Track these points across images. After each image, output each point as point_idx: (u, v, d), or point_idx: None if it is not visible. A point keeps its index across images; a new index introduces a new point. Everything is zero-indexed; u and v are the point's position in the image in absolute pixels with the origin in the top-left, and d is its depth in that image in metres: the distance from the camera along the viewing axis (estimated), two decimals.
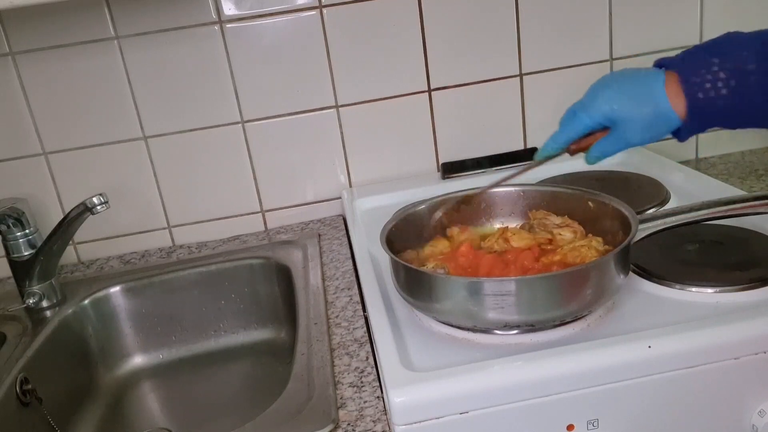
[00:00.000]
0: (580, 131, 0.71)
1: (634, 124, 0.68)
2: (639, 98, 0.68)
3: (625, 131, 0.69)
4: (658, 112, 0.67)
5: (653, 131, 0.68)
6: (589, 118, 0.70)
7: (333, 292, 0.91)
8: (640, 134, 0.69)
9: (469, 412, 0.63)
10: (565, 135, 0.72)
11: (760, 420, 0.67)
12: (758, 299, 0.70)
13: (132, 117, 1.10)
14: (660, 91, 0.67)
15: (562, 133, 0.73)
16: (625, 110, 0.68)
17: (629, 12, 1.14)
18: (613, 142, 0.70)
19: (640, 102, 0.68)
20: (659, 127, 0.68)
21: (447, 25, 1.12)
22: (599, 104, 0.69)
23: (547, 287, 0.66)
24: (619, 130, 0.69)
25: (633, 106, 0.68)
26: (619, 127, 0.69)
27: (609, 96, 0.69)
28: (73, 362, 0.97)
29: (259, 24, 1.08)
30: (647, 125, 0.68)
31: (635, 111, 0.68)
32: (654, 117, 0.67)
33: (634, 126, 0.68)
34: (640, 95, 0.68)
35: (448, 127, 1.18)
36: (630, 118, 0.68)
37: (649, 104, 0.67)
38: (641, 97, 0.68)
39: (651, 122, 0.68)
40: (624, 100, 0.68)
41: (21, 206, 0.95)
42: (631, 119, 0.68)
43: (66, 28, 1.04)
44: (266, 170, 1.16)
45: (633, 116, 0.68)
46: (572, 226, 0.80)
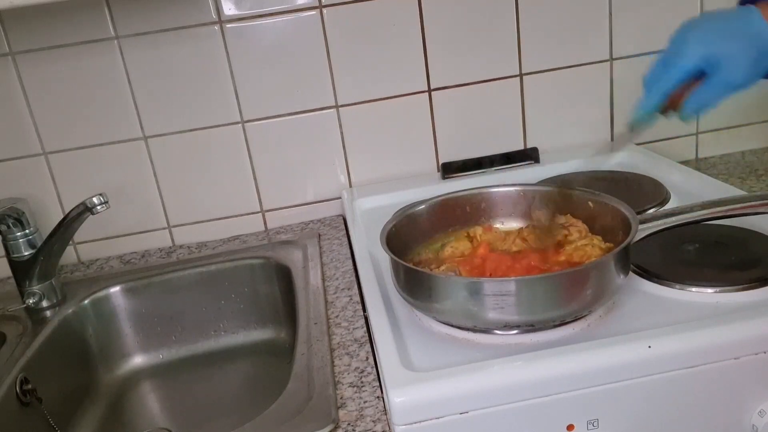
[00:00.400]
0: (677, 81, 0.63)
1: (736, 61, 0.61)
2: (738, 32, 0.61)
3: (728, 72, 0.61)
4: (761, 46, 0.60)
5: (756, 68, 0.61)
6: (685, 64, 0.62)
7: (333, 292, 0.91)
8: (743, 73, 0.61)
9: (469, 412, 0.63)
10: (660, 89, 0.64)
11: (760, 420, 0.66)
12: (758, 299, 0.70)
13: (132, 117, 1.10)
14: (760, 21, 0.60)
15: (656, 88, 0.64)
16: (726, 48, 0.61)
17: (629, 12, 1.15)
18: (714, 88, 0.62)
19: (740, 36, 0.61)
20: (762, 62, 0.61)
21: (447, 25, 1.12)
22: (693, 46, 0.62)
23: (547, 287, 0.66)
24: (720, 73, 0.61)
25: (733, 41, 0.61)
26: (721, 68, 0.61)
27: (702, 36, 0.62)
28: (73, 362, 0.97)
29: (259, 24, 1.08)
30: (751, 61, 0.61)
31: (737, 48, 0.61)
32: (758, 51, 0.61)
33: (737, 64, 0.61)
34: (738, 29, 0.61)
35: (448, 127, 1.18)
36: (731, 55, 0.61)
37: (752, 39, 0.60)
38: (740, 31, 0.61)
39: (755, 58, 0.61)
40: (721, 37, 0.61)
41: (21, 206, 0.95)
42: (733, 56, 0.61)
43: (66, 28, 1.04)
44: (266, 170, 1.16)
45: (735, 52, 0.61)
46: (576, 225, 0.80)
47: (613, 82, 1.19)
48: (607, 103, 1.20)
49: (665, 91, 0.64)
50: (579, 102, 1.19)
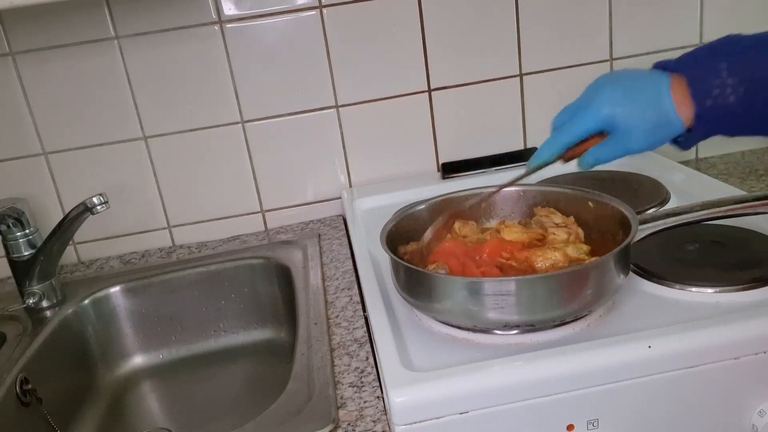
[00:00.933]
0: (578, 136, 0.66)
1: (636, 129, 0.63)
2: (644, 102, 0.63)
3: (626, 137, 0.64)
4: (663, 118, 0.62)
5: (655, 138, 0.64)
6: (588, 121, 0.65)
7: (333, 292, 0.91)
8: (641, 141, 0.64)
9: (469, 412, 0.63)
10: (562, 140, 0.67)
11: (760, 420, 0.67)
12: (758, 299, 0.70)
13: (132, 117, 1.10)
14: (666, 95, 0.62)
15: (559, 138, 0.67)
16: (628, 114, 0.63)
17: (629, 12, 1.14)
18: (612, 149, 0.65)
19: (645, 106, 0.63)
20: (662, 133, 0.64)
21: (447, 25, 1.12)
22: (600, 107, 0.64)
23: (547, 287, 0.66)
24: (618, 136, 0.64)
25: (637, 110, 0.63)
26: (620, 132, 0.64)
27: (611, 98, 0.64)
28: (73, 362, 0.97)
29: (259, 24, 1.08)
30: (650, 131, 0.63)
31: (639, 116, 0.63)
32: (658, 123, 0.63)
33: (637, 132, 0.63)
34: (645, 99, 0.63)
35: (448, 127, 1.18)
36: (633, 123, 0.63)
37: (655, 109, 0.62)
38: (646, 101, 0.63)
39: (654, 128, 0.63)
40: (627, 103, 0.63)
41: (21, 206, 0.95)
42: (634, 124, 0.63)
43: (66, 28, 1.04)
44: (266, 170, 1.16)
45: (636, 121, 0.63)
46: (570, 228, 0.80)
47: None
48: None
49: (566, 144, 0.67)
50: None
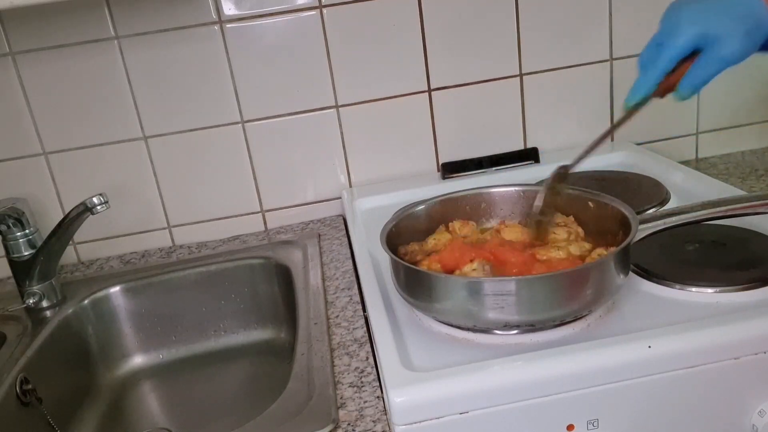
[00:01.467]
0: (672, 60, 0.63)
1: (730, 36, 0.60)
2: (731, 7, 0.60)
3: (721, 47, 0.61)
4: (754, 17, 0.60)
5: (750, 40, 0.61)
6: (679, 43, 0.62)
7: (333, 292, 0.91)
8: (738, 46, 0.60)
9: (469, 412, 0.63)
10: (657, 69, 0.64)
11: (760, 420, 0.67)
12: (758, 299, 0.70)
13: (132, 117, 1.10)
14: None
15: (651, 69, 0.64)
16: (719, 23, 0.60)
17: (629, 12, 1.15)
18: (708, 65, 0.62)
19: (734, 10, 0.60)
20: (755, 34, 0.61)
21: (447, 25, 1.12)
22: (686, 25, 0.61)
23: (547, 287, 0.66)
24: (713, 49, 0.61)
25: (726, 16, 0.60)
26: (714, 44, 0.61)
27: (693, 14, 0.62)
28: (73, 362, 0.97)
29: (259, 24, 1.08)
30: (745, 33, 0.60)
31: (730, 21, 0.60)
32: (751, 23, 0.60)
33: (731, 38, 0.60)
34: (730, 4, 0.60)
35: (448, 127, 1.18)
36: (724, 30, 0.60)
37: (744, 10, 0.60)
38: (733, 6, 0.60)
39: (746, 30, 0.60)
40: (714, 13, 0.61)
41: (21, 206, 0.95)
42: (726, 31, 0.60)
43: (66, 28, 1.04)
44: (266, 170, 1.16)
45: (727, 27, 0.60)
46: (570, 227, 0.80)
47: (613, 82, 1.19)
48: (607, 103, 1.20)
49: (661, 72, 0.64)
50: (579, 102, 1.19)
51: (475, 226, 0.85)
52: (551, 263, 0.73)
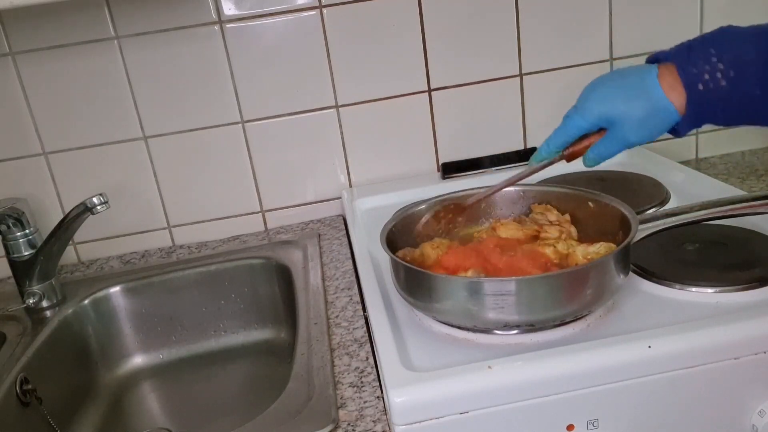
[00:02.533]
0: (573, 134, 0.69)
1: (630, 121, 0.65)
2: (632, 94, 0.65)
3: (622, 130, 0.66)
4: (654, 107, 0.65)
5: (651, 128, 0.66)
6: (582, 119, 0.68)
7: (333, 292, 0.91)
8: (637, 132, 0.66)
9: (469, 412, 0.63)
10: (558, 139, 0.70)
11: (760, 420, 0.67)
12: (758, 299, 0.70)
13: (132, 117, 1.10)
14: (654, 85, 0.64)
15: (556, 137, 0.70)
16: (619, 108, 0.66)
17: (629, 12, 1.14)
18: (611, 143, 0.68)
19: (634, 97, 0.65)
20: (657, 122, 0.66)
21: (447, 25, 1.12)
22: (591, 104, 0.67)
23: (547, 287, 0.66)
24: (615, 130, 0.67)
25: (627, 102, 0.65)
26: (616, 126, 0.66)
27: (601, 95, 0.67)
28: (73, 362, 0.97)
29: (259, 24, 1.08)
30: (644, 121, 0.65)
31: (629, 107, 0.65)
32: (650, 112, 0.65)
33: (631, 124, 0.66)
34: (633, 91, 0.65)
35: (448, 127, 1.18)
36: (625, 115, 0.65)
37: (644, 98, 0.65)
38: (635, 93, 0.65)
39: (647, 118, 0.65)
40: (617, 98, 0.66)
41: (21, 206, 0.95)
42: (627, 117, 0.65)
43: (66, 28, 1.04)
44: (266, 170, 1.16)
45: (628, 113, 0.65)
46: (563, 226, 0.80)
47: None
48: None
49: (564, 143, 0.70)
50: None
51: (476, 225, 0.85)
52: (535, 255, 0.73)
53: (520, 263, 0.73)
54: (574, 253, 0.74)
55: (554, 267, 0.73)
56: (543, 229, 0.80)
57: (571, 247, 0.75)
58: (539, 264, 0.73)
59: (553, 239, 0.78)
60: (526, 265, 0.73)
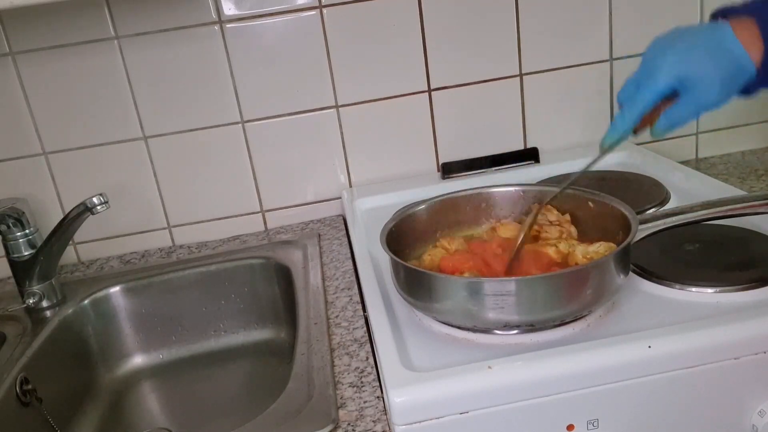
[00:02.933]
0: (650, 101, 0.64)
1: (709, 82, 0.61)
2: (710, 52, 0.61)
3: (700, 92, 0.61)
4: (734, 64, 0.60)
5: (729, 87, 0.61)
6: (658, 84, 0.63)
7: (333, 292, 0.91)
8: (716, 93, 0.61)
9: (469, 412, 0.63)
10: (634, 111, 0.64)
11: (760, 420, 0.67)
12: (758, 299, 0.70)
13: (132, 117, 1.10)
14: (733, 41, 0.60)
15: (631, 109, 0.65)
16: (698, 68, 0.61)
17: (629, 12, 1.15)
18: (686, 108, 0.63)
19: (714, 56, 0.60)
20: (735, 80, 0.61)
21: (447, 25, 1.12)
22: (667, 68, 0.62)
23: (547, 287, 0.66)
24: (692, 93, 0.62)
25: (706, 61, 0.61)
26: (693, 89, 0.61)
27: (675, 57, 0.62)
28: (73, 362, 0.97)
29: (259, 24, 1.08)
30: (724, 80, 0.61)
31: (710, 67, 0.60)
32: (731, 70, 0.60)
33: (710, 84, 0.61)
34: (711, 49, 0.61)
35: (448, 127, 1.18)
36: (705, 76, 0.61)
37: (725, 56, 0.60)
38: (714, 51, 0.60)
39: (728, 77, 0.61)
40: (694, 57, 0.61)
41: (21, 206, 0.95)
42: (706, 77, 0.61)
43: (66, 28, 1.04)
44: (266, 170, 1.16)
45: (708, 73, 0.61)
46: (563, 226, 0.80)
47: (613, 82, 1.19)
48: (607, 103, 1.20)
49: (640, 113, 0.65)
50: (579, 102, 1.19)
51: (462, 242, 0.83)
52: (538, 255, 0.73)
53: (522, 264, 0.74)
54: (574, 252, 0.75)
55: (557, 267, 0.73)
56: (543, 229, 0.80)
57: (572, 246, 0.76)
58: (542, 264, 0.73)
59: (554, 239, 0.78)
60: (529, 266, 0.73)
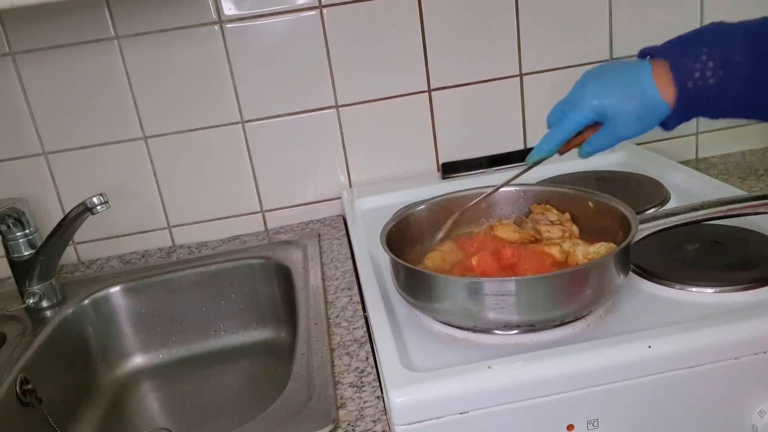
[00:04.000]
0: (571, 130, 0.70)
1: (626, 116, 0.67)
2: (629, 90, 0.67)
3: (617, 125, 0.67)
4: (649, 103, 0.66)
5: (644, 122, 0.67)
6: (579, 115, 0.69)
7: (333, 292, 0.91)
8: (632, 126, 0.67)
9: (469, 412, 0.63)
10: (557, 136, 0.71)
11: (760, 420, 0.67)
12: (758, 299, 0.70)
13: (132, 117, 1.10)
14: (649, 81, 0.66)
15: (554, 134, 0.71)
16: (616, 103, 0.67)
17: (629, 12, 1.15)
18: (606, 137, 0.69)
19: (631, 93, 0.66)
20: (650, 117, 0.67)
21: (447, 25, 1.12)
22: (588, 100, 0.68)
23: (547, 287, 0.66)
24: (610, 125, 0.68)
25: (623, 98, 0.67)
26: (611, 121, 0.68)
27: (598, 90, 0.68)
28: (73, 362, 0.97)
29: (259, 24, 1.08)
30: (639, 116, 0.67)
31: (626, 103, 0.66)
32: (645, 107, 0.66)
33: (626, 119, 0.67)
34: (629, 87, 0.67)
35: (448, 127, 1.18)
36: (621, 110, 0.67)
37: (640, 95, 0.66)
38: (631, 89, 0.67)
39: (643, 113, 0.67)
40: (613, 93, 0.67)
41: (21, 206, 0.95)
42: (623, 112, 0.67)
43: (66, 28, 1.04)
44: (266, 170, 1.16)
45: (624, 109, 0.66)
46: (564, 225, 0.80)
47: None
48: None
49: (563, 139, 0.71)
50: None
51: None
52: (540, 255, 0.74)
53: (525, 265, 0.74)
54: (575, 252, 0.75)
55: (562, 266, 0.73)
56: (545, 230, 0.80)
57: (575, 246, 0.75)
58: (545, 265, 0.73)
59: (557, 238, 0.78)
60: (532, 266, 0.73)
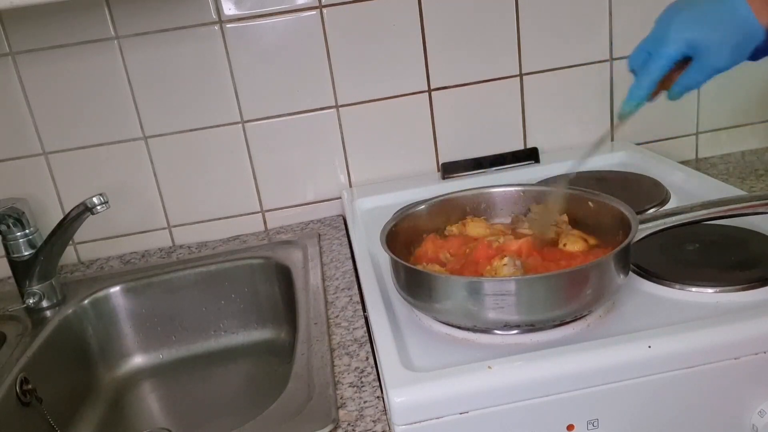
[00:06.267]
0: (663, 68, 0.65)
1: (720, 46, 0.62)
2: (720, 16, 0.61)
3: (711, 56, 0.62)
4: (743, 28, 0.61)
5: (740, 50, 0.62)
6: (670, 50, 0.63)
7: (333, 292, 0.91)
8: (727, 56, 0.62)
9: (469, 412, 0.63)
10: (647, 78, 0.65)
11: (760, 420, 0.67)
12: (758, 299, 0.70)
13: (132, 117, 1.10)
14: (743, 6, 0.61)
15: (643, 78, 0.66)
16: (709, 32, 0.62)
17: (629, 12, 1.15)
18: (699, 72, 0.64)
19: (723, 20, 0.61)
20: (745, 44, 0.62)
21: (447, 25, 1.12)
22: (677, 33, 0.63)
23: (547, 287, 0.66)
24: (703, 57, 0.63)
25: (716, 25, 0.61)
26: (704, 53, 0.62)
27: (686, 20, 0.63)
28: (73, 362, 0.97)
29: (259, 24, 1.08)
30: (735, 45, 0.62)
31: (719, 31, 0.61)
32: (741, 34, 0.61)
33: (721, 48, 0.62)
34: (720, 12, 0.61)
35: (448, 127, 1.18)
36: (715, 40, 0.61)
37: (734, 20, 0.61)
38: (723, 14, 0.61)
39: (737, 40, 0.61)
40: (704, 21, 0.62)
41: (21, 206, 0.95)
42: (717, 41, 0.61)
43: (66, 28, 1.04)
44: (266, 170, 1.16)
45: (718, 37, 0.61)
46: (560, 226, 0.80)
47: (613, 82, 1.19)
48: (607, 103, 1.20)
49: (655, 80, 0.66)
50: (579, 102, 1.19)
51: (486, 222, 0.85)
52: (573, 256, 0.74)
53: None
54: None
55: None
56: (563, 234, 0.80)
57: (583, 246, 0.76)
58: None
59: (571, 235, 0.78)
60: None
